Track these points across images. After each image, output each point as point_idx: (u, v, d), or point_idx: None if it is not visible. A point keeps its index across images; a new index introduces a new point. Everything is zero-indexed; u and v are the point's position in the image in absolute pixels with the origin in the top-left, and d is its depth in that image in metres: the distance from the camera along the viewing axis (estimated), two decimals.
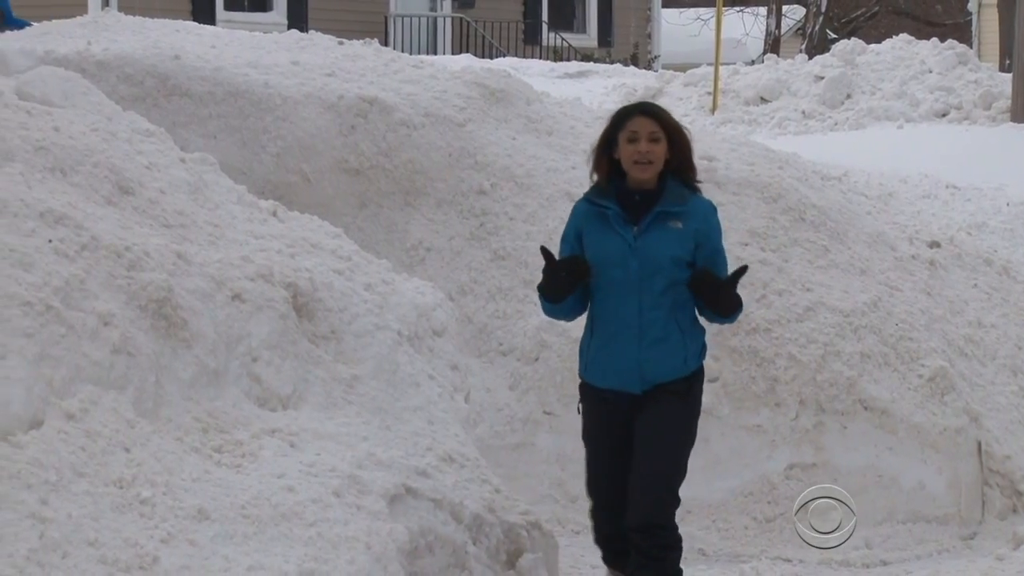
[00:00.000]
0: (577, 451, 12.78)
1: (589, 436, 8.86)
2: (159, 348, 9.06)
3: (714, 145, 15.02)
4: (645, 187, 8.34)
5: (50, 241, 9.30)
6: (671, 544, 8.42)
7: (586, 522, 12.24)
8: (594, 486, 8.82)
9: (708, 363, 12.91)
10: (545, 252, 8.56)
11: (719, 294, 8.28)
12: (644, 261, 8.21)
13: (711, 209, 8.54)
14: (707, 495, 12.70)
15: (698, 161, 13.71)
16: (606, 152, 8.44)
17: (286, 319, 10.07)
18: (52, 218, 9.49)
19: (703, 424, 12.81)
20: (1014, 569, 11.34)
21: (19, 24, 20.09)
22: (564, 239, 8.67)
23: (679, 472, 8.52)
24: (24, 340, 8.63)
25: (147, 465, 8.46)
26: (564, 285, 8.45)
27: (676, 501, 8.50)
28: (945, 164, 17.75)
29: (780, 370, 13.06)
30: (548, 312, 8.90)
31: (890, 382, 13.24)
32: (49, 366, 8.67)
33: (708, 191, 13.63)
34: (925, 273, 14.35)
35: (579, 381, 8.80)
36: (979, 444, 13.20)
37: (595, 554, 11.76)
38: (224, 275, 9.72)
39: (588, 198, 8.63)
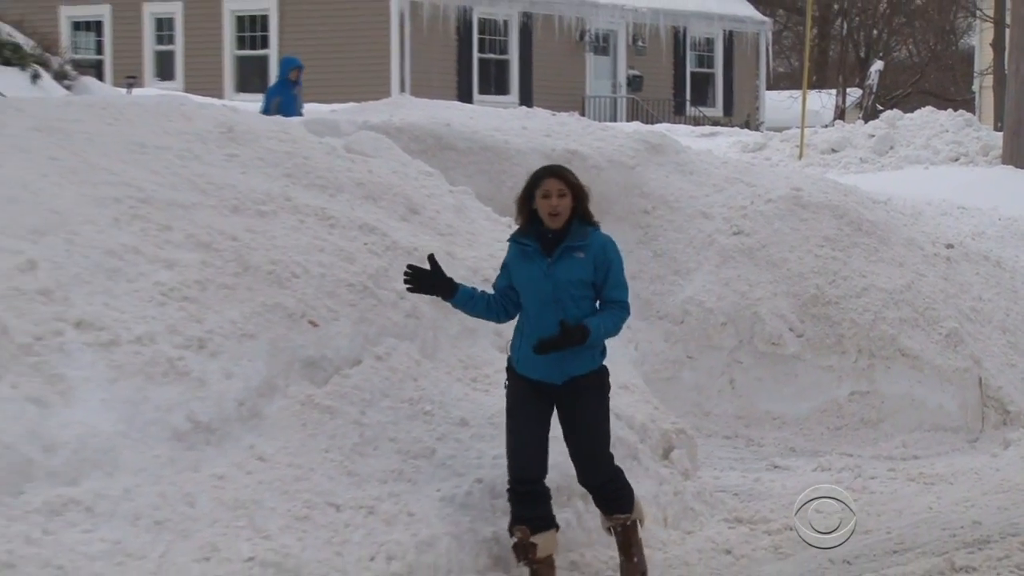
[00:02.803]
0: (708, 383, 12.85)
1: (514, 409, 7.81)
2: (436, 313, 9.16)
3: (801, 180, 14.94)
4: (555, 228, 7.73)
5: (365, 244, 9.43)
6: (620, 485, 7.93)
7: (714, 427, 12.29)
8: (514, 452, 7.73)
9: (800, 323, 13.04)
10: (430, 259, 7.93)
11: (560, 347, 7.56)
12: (556, 283, 7.65)
13: (608, 240, 7.86)
14: (795, 412, 12.67)
15: (788, 191, 13.87)
16: (527, 204, 7.83)
17: None
18: (367, 228, 9.63)
19: (794, 363, 12.90)
20: (1003, 462, 11.42)
21: (298, 111, 20.08)
22: (502, 266, 8.00)
23: (607, 439, 7.86)
24: (349, 308, 8.76)
25: (428, 389, 8.56)
26: (422, 288, 7.89)
27: (611, 458, 7.90)
28: (956, 192, 17.57)
29: (845, 328, 12.98)
30: (463, 311, 8.10)
31: (919, 338, 13.14)
32: (365, 325, 8.80)
33: (795, 212, 13.71)
34: (943, 265, 14.21)
35: (508, 368, 7.94)
36: (980, 379, 13.07)
37: (723, 449, 11.78)
38: (478, 266, 9.80)
39: (514, 238, 7.93)
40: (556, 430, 7.84)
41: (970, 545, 8.92)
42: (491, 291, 8.02)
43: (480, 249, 10.23)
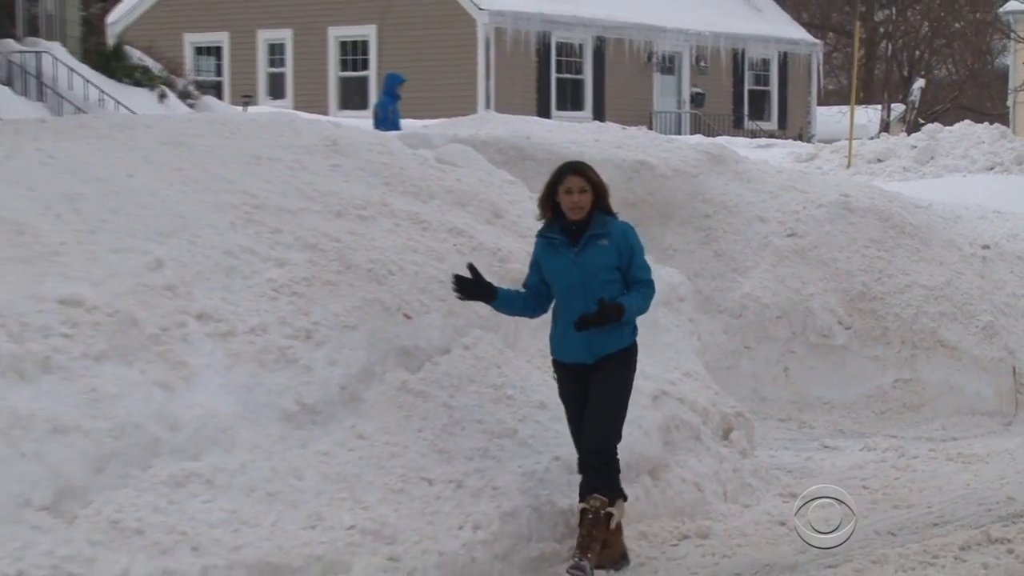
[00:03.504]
0: (764, 371, 12.78)
1: (564, 399, 7.75)
2: None
3: (849, 187, 14.84)
4: (578, 220, 7.60)
5: (454, 245, 9.44)
6: (614, 464, 7.61)
7: (770, 411, 12.23)
8: (573, 429, 7.69)
9: (848, 317, 12.96)
10: (470, 268, 7.80)
11: (599, 323, 7.42)
12: (585, 270, 7.52)
13: (627, 227, 7.75)
14: (844, 398, 12.59)
15: (838, 196, 13.78)
16: (550, 199, 7.66)
17: None
18: (455, 231, 9.63)
19: (843, 353, 12.82)
20: None
21: (397, 125, 20.10)
22: (531, 264, 7.86)
23: (621, 415, 7.62)
24: (440, 302, 8.76)
25: (510, 376, 8.55)
26: (468, 295, 7.78)
27: (618, 437, 7.61)
28: (992, 198, 17.32)
29: (889, 322, 12.89)
30: (502, 311, 8.05)
31: (957, 330, 13.02)
32: (454, 318, 8.80)
33: (844, 216, 13.61)
34: (980, 264, 14.07)
35: (552, 360, 7.84)
36: (1013, 368, 12.96)
37: (777, 431, 11.72)
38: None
39: (541, 233, 7.76)
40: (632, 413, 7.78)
41: (1004, 519, 8.83)
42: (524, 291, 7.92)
43: None
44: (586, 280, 7.51)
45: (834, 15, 57.56)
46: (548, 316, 8.02)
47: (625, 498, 7.72)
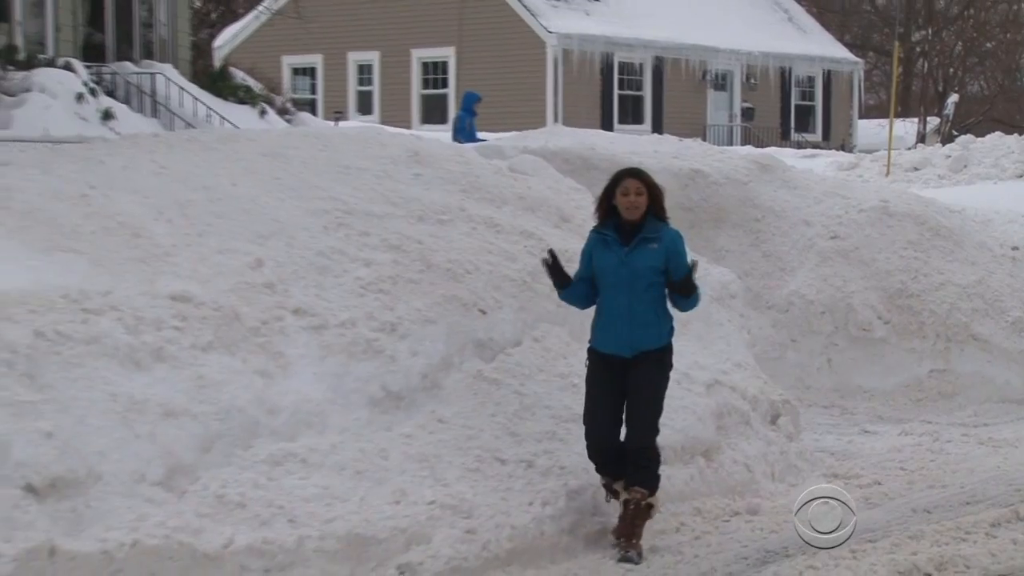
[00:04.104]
0: (809, 362, 12.68)
1: (591, 382, 7.54)
2: None
3: (888, 194, 14.68)
4: (633, 221, 7.44)
5: (525, 246, 9.42)
6: (654, 458, 7.44)
7: (814, 399, 12.12)
8: (590, 416, 7.49)
9: (887, 313, 12.84)
10: (551, 253, 7.63)
11: (685, 283, 7.35)
12: (632, 269, 7.35)
13: (676, 234, 7.56)
14: (883, 387, 12.47)
15: (877, 202, 13.67)
16: (608, 200, 7.50)
17: None
18: (526, 234, 9.62)
19: (882, 345, 12.70)
20: None
21: (474, 138, 20.02)
22: (581, 255, 7.67)
23: (659, 412, 7.44)
24: (512, 299, 8.77)
25: (576, 366, 8.44)
26: (556, 281, 7.60)
27: (657, 431, 7.43)
28: (1021, 203, 17.03)
29: (925, 317, 12.77)
30: (562, 298, 7.83)
31: (989, 325, 12.88)
32: (524, 313, 8.80)
33: (883, 220, 13.48)
34: (1009, 264, 13.89)
35: (588, 346, 7.63)
36: None
37: (821, 417, 11.62)
38: None
39: (595, 229, 7.56)
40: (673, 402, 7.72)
41: None
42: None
43: None
44: (633, 278, 7.39)
45: (874, 36, 57.06)
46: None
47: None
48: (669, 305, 7.57)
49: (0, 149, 14.05)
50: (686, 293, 7.43)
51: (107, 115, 18.53)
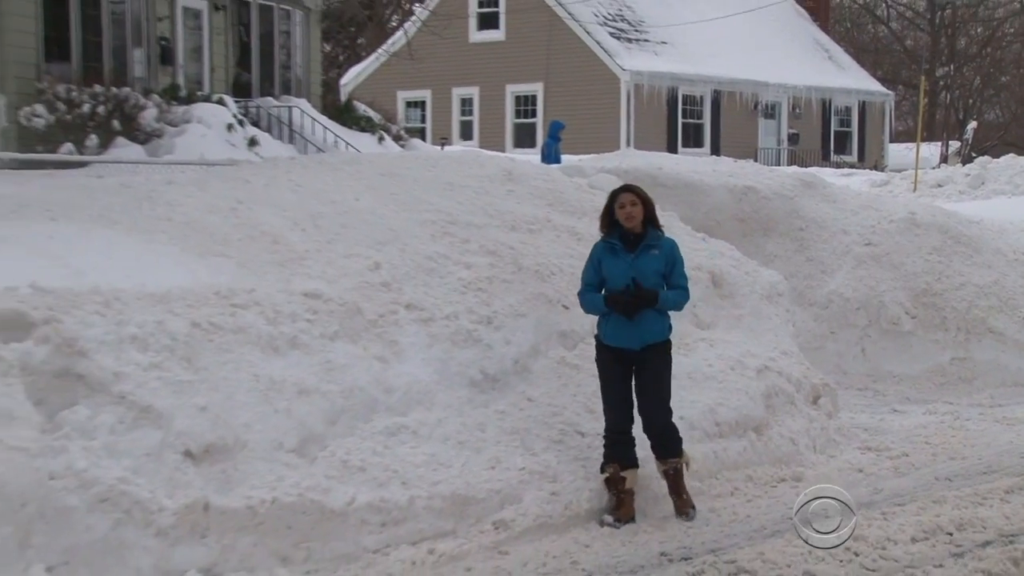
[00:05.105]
0: (846, 351, 12.50)
1: (606, 376, 7.24)
2: None
3: (915, 207, 14.45)
4: (635, 231, 7.24)
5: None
6: (675, 435, 7.21)
7: (850, 382, 11.92)
8: (610, 405, 7.21)
9: (914, 309, 12.62)
10: (637, 288, 7.14)
11: (634, 301, 7.07)
12: (638, 273, 7.15)
13: (673, 243, 7.38)
14: (910, 372, 12.25)
15: (906, 214, 13.44)
16: (609, 215, 7.32)
17: (709, 287, 10.00)
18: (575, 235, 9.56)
19: (909, 337, 12.47)
20: None
21: (558, 160, 19.96)
22: (588, 264, 7.35)
23: (669, 395, 7.19)
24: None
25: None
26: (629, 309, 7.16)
27: (671, 411, 7.20)
28: None
29: (947, 312, 12.55)
30: (591, 312, 7.40)
31: (1003, 320, 12.63)
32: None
33: (911, 229, 13.24)
34: (1022, 267, 13.61)
35: (596, 344, 7.34)
36: None
37: (856, 397, 11.45)
38: None
39: (603, 239, 7.32)
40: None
41: None
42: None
43: (683, 253, 10.07)
44: (639, 280, 7.17)
45: (903, 71, 56.17)
46: None
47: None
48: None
49: (166, 171, 14.30)
50: (633, 302, 7.10)
51: (252, 142, 18.73)
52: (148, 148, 17.34)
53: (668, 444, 7.24)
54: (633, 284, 7.12)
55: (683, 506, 7.26)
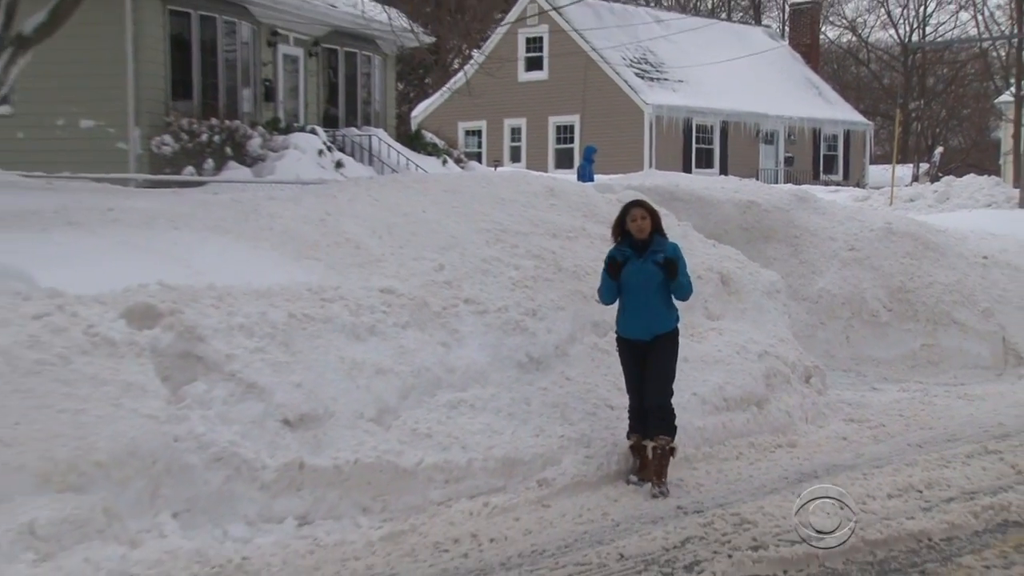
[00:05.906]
0: (833, 338, 12.33)
1: (625, 364, 7.08)
2: None
3: (891, 218, 14.24)
4: (642, 239, 7.06)
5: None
6: (669, 416, 6.96)
7: (836, 365, 11.75)
8: (631, 387, 7.06)
9: (890, 303, 12.45)
10: (666, 261, 7.00)
11: (668, 265, 6.89)
12: (646, 275, 6.98)
13: (675, 246, 7.14)
14: (887, 356, 12.08)
15: (883, 224, 13.25)
16: (620, 226, 7.09)
17: (718, 285, 9.92)
18: (606, 241, 9.49)
19: (886, 327, 12.31)
20: (1018, 388, 10.83)
21: (592, 179, 19.80)
22: (606, 265, 7.15)
23: (672, 378, 6.94)
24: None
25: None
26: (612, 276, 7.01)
27: (671, 393, 6.97)
28: (989, 225, 16.34)
29: (918, 306, 12.36)
30: (604, 302, 7.24)
31: (965, 313, 12.41)
32: None
33: (888, 236, 13.05)
34: (981, 269, 13.38)
35: (616, 337, 7.17)
36: (1003, 338, 12.30)
37: (841, 378, 11.30)
38: (694, 267, 9.57)
39: (616, 247, 7.14)
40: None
41: (997, 438, 8.44)
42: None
43: (696, 257, 10.02)
44: (647, 281, 7.03)
45: (881, 105, 55.57)
46: (691, 300, 7.80)
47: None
48: (673, 298, 7.16)
49: (268, 188, 14.41)
50: (672, 275, 6.98)
51: (338, 164, 18.83)
52: (254, 170, 17.50)
53: (660, 423, 6.94)
54: (663, 260, 6.98)
55: (659, 484, 6.84)
